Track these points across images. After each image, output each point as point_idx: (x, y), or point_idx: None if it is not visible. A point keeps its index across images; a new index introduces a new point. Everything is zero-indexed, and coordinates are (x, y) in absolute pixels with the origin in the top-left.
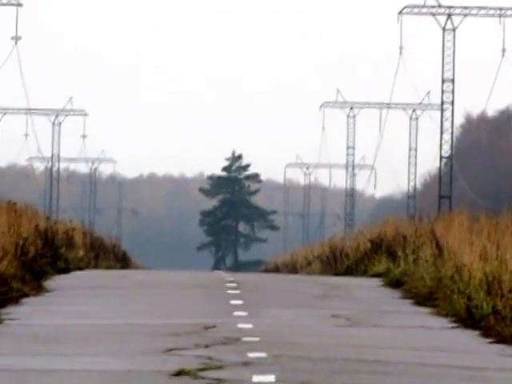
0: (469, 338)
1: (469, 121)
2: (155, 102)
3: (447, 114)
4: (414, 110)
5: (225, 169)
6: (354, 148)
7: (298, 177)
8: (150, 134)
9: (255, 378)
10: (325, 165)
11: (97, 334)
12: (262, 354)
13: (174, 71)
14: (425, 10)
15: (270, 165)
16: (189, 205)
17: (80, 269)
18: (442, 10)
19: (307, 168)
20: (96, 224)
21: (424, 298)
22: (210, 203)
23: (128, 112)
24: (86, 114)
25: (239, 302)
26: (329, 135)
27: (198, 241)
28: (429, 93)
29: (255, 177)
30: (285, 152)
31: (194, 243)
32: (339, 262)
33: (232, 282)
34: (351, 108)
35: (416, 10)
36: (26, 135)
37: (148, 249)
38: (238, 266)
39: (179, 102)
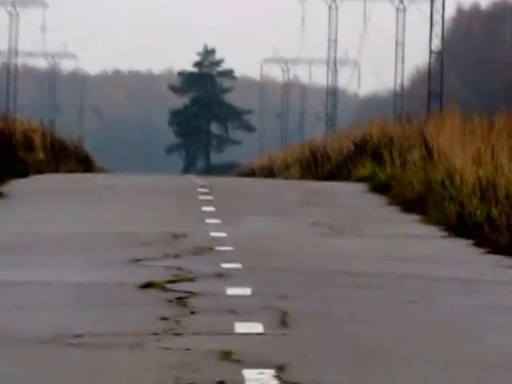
0: (461, 248)
1: (460, 13)
2: None
3: (437, 5)
4: (401, 1)
5: (196, 64)
6: (335, 42)
7: (276, 73)
8: (114, 28)
9: (229, 291)
10: (304, 60)
11: (57, 242)
12: (237, 265)
13: None
14: None
15: (245, 60)
16: (157, 103)
17: (40, 172)
18: None
19: (285, 63)
20: (56, 124)
21: (412, 205)
22: (180, 102)
23: (91, 3)
24: (46, 5)
25: (211, 208)
26: (309, 28)
27: (167, 142)
28: None
29: (229, 73)
30: (261, 46)
31: (163, 145)
32: (320, 166)
33: (204, 186)
34: None
35: None
36: None
37: (113, 151)
38: (211, 170)
39: None
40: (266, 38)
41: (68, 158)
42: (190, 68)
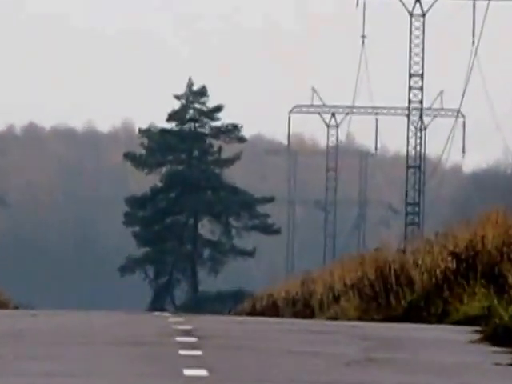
0: None
1: None
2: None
3: None
4: None
5: (174, 115)
6: (421, 90)
7: (313, 133)
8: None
9: None
10: (362, 107)
11: None
12: None
13: None
14: None
15: (259, 111)
16: (105, 185)
17: None
18: None
19: (332, 114)
20: None
21: None
22: (145, 183)
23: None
24: None
25: (201, 372)
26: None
27: (122, 255)
28: None
29: (232, 131)
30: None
31: (115, 259)
32: (395, 297)
33: (188, 333)
34: None
35: None
36: None
37: (27, 269)
38: (200, 303)
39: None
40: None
41: None
42: (160, 122)
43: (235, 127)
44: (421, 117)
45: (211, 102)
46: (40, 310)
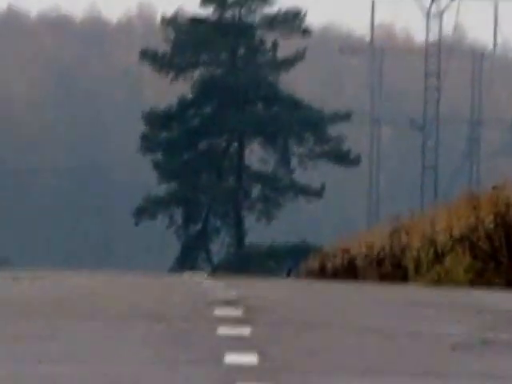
0: None
1: None
2: None
3: None
4: None
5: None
6: None
7: (405, 24)
8: None
9: None
10: None
11: None
12: None
13: None
14: None
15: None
16: (113, 96)
17: None
18: None
19: None
20: None
21: None
22: (169, 92)
23: None
24: None
25: (250, 359)
26: None
27: (138, 193)
28: None
29: (292, 20)
30: None
31: (128, 199)
32: None
33: (231, 303)
34: None
35: None
36: None
37: (15, 214)
38: (246, 261)
39: None
40: None
41: None
42: (190, 7)
43: (297, 15)
44: None
45: None
46: (21, 268)
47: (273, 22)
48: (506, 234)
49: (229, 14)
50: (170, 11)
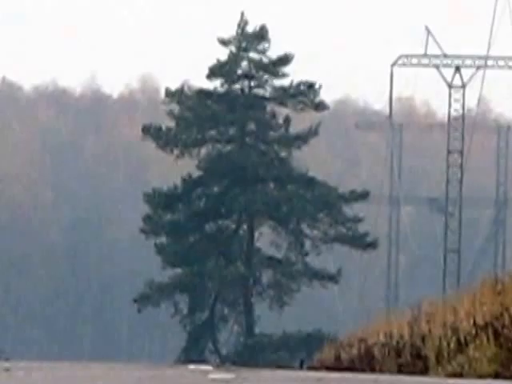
0: None
1: None
2: None
3: None
4: None
5: (218, 70)
6: None
7: (426, 96)
8: None
9: None
10: (502, 57)
11: None
12: None
13: None
14: None
15: (346, 64)
16: (114, 174)
17: None
18: None
19: (456, 68)
20: None
21: None
22: (174, 171)
23: None
24: None
25: None
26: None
27: (141, 279)
28: None
29: (305, 93)
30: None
31: (130, 285)
32: None
33: None
34: None
35: None
36: None
37: (11, 302)
38: (256, 352)
39: None
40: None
41: None
42: (197, 80)
43: (310, 87)
44: None
45: (274, 50)
46: (15, 360)
47: (285, 95)
48: None
49: (238, 86)
50: (174, 84)
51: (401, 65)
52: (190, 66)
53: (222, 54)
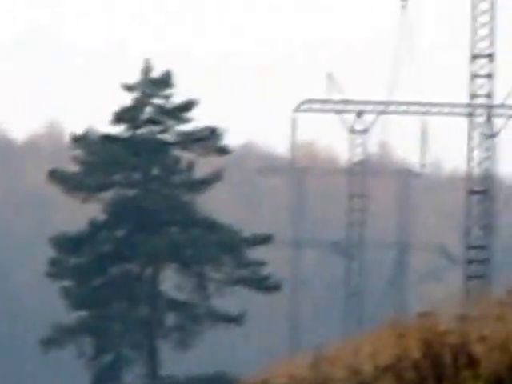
0: None
1: None
2: None
3: None
4: None
5: (123, 115)
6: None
7: (329, 142)
8: None
9: None
10: (403, 103)
11: None
12: None
13: None
14: None
15: (249, 109)
16: (20, 218)
17: None
18: None
19: (358, 113)
20: None
21: None
22: (79, 215)
23: None
24: None
25: None
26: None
27: (46, 322)
28: None
29: (209, 138)
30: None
31: (35, 329)
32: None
33: None
34: None
35: None
36: None
37: None
38: None
39: None
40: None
41: None
42: (102, 125)
43: (213, 132)
44: (489, 118)
45: (178, 96)
46: None
47: (189, 139)
48: (434, 364)
49: (142, 131)
50: (79, 129)
51: (303, 110)
52: (95, 111)
53: (127, 99)
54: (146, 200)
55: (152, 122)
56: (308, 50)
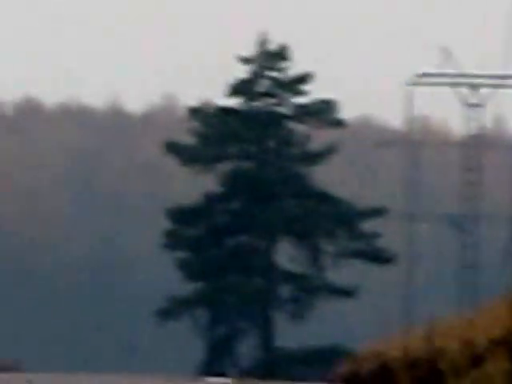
0: None
1: None
2: None
3: None
4: None
5: (239, 88)
6: None
7: (444, 116)
8: None
9: None
10: None
11: None
12: None
13: None
14: None
15: (365, 83)
16: (135, 190)
17: None
18: None
19: (472, 87)
20: None
21: None
22: (195, 187)
23: None
24: None
25: None
26: None
27: (161, 293)
28: None
29: (325, 111)
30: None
31: (150, 300)
32: None
33: None
34: None
35: None
36: None
37: (15, 308)
38: (275, 366)
39: None
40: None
41: None
42: (218, 98)
43: (329, 105)
44: None
45: (295, 69)
46: (36, 372)
47: (305, 112)
48: None
49: (258, 104)
50: (195, 101)
51: (418, 83)
52: (211, 84)
53: (243, 72)
54: (261, 172)
55: (268, 94)
56: (421, 23)
